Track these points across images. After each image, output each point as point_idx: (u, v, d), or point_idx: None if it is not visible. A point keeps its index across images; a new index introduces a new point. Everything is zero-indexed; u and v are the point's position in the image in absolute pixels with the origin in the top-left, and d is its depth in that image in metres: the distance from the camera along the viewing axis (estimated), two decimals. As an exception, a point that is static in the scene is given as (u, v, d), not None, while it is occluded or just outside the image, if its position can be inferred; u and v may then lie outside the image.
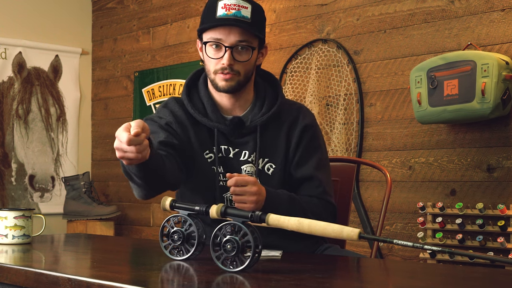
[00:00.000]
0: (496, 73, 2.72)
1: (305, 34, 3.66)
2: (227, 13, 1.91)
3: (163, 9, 4.53)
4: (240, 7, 1.92)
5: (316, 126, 2.07)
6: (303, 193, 2.00)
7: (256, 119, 2.00)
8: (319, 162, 2.03)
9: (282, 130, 2.02)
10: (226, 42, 1.92)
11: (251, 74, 2.00)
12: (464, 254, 1.37)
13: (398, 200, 3.24)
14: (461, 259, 2.91)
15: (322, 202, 1.98)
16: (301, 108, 2.08)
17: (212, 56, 1.94)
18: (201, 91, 2.04)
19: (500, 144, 2.92)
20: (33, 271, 1.47)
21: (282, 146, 2.00)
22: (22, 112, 4.61)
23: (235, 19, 1.90)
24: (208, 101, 2.01)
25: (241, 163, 1.99)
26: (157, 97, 4.50)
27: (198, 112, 2.00)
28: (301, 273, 1.50)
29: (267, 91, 2.06)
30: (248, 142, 1.99)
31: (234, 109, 2.02)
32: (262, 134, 2.00)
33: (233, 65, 1.93)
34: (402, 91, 3.25)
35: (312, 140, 2.03)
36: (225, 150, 1.99)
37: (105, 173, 4.87)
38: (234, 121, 1.98)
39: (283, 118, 2.03)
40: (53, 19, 4.84)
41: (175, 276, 1.44)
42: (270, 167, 1.99)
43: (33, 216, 2.06)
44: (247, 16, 1.92)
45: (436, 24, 3.13)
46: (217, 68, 1.94)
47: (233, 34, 1.91)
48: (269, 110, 2.01)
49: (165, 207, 1.66)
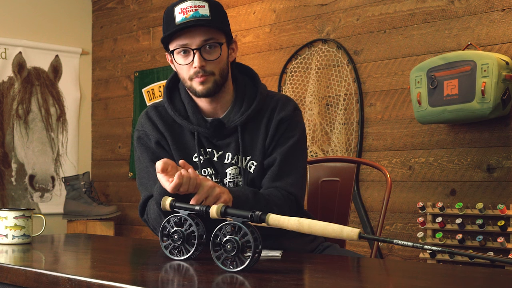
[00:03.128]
0: (496, 73, 2.72)
1: (305, 34, 3.67)
2: (185, 17, 1.89)
3: (163, 9, 4.53)
4: (197, 7, 1.90)
5: (292, 118, 2.01)
6: (265, 180, 1.97)
7: (236, 119, 1.97)
8: (288, 150, 1.98)
9: (261, 126, 1.99)
10: (192, 45, 1.90)
11: (226, 72, 1.97)
12: (464, 254, 1.37)
13: (398, 200, 3.24)
14: (461, 259, 2.91)
15: (283, 192, 1.94)
16: (279, 100, 2.03)
17: (183, 63, 1.93)
18: (182, 93, 2.03)
19: (500, 144, 2.92)
20: (33, 271, 1.47)
21: (260, 142, 1.98)
22: (22, 112, 4.61)
23: (194, 20, 1.89)
24: (189, 104, 2.00)
25: (225, 166, 1.98)
26: (157, 97, 4.50)
27: (179, 115, 1.99)
28: (301, 273, 1.50)
29: (246, 87, 2.04)
30: (230, 144, 1.98)
31: (216, 110, 2.01)
32: (243, 133, 1.98)
33: (205, 66, 1.91)
34: (402, 91, 3.25)
35: (286, 132, 1.99)
36: (209, 153, 1.99)
37: (105, 173, 4.87)
38: (214, 123, 1.96)
39: (262, 113, 2.00)
40: (53, 19, 4.84)
41: (175, 276, 1.44)
42: (252, 164, 1.98)
43: (33, 216, 2.06)
44: (206, 14, 1.91)
45: (436, 24, 3.13)
46: (190, 73, 1.92)
47: (197, 35, 1.90)
48: (249, 108, 1.98)
49: (165, 207, 1.66)
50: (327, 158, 2.49)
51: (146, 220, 1.97)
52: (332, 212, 2.35)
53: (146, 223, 1.99)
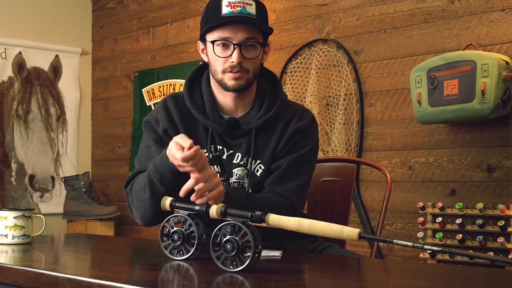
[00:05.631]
0: (496, 73, 2.72)
1: (305, 34, 3.67)
2: (232, 11, 1.90)
3: (163, 9, 4.53)
4: (245, 4, 1.91)
5: (308, 129, 2.01)
6: (266, 183, 1.96)
7: (252, 122, 1.97)
8: (297, 159, 1.98)
9: (275, 132, 1.99)
10: (234, 40, 1.90)
11: (258, 71, 1.99)
12: (464, 254, 1.37)
13: (398, 200, 3.24)
14: (461, 259, 2.91)
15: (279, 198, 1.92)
16: (298, 110, 2.04)
17: (220, 55, 1.92)
18: (203, 87, 2.03)
19: (500, 144, 2.92)
20: (33, 271, 1.47)
21: (272, 148, 1.98)
22: (22, 112, 4.61)
23: (241, 16, 1.89)
24: (208, 98, 2.00)
25: (233, 165, 1.98)
26: (157, 97, 4.50)
27: (196, 108, 1.99)
28: (301, 273, 1.50)
29: (267, 92, 2.04)
30: (242, 144, 1.97)
31: (236, 109, 2.01)
32: (257, 137, 1.98)
33: (242, 62, 1.91)
34: (402, 91, 3.25)
35: (299, 141, 1.99)
36: (220, 150, 1.99)
37: (105, 173, 4.87)
38: (230, 122, 1.96)
39: (279, 121, 2.00)
40: (53, 19, 4.84)
41: (175, 276, 1.44)
42: (259, 168, 1.98)
43: (33, 216, 2.06)
44: (253, 13, 1.91)
45: (436, 24, 3.13)
46: (225, 67, 1.92)
47: (240, 31, 1.90)
48: (267, 113, 1.99)
49: (165, 207, 1.66)
50: (327, 158, 2.49)
51: (128, 192, 1.95)
52: (332, 212, 2.35)
53: (126, 196, 1.97)
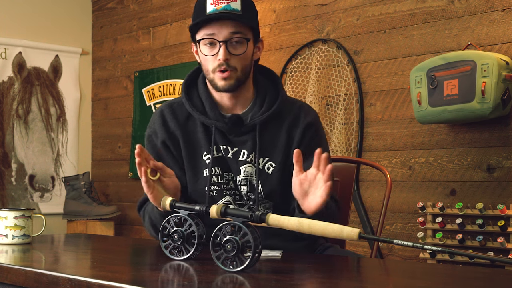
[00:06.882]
0: (496, 73, 2.72)
1: (305, 34, 3.67)
2: (216, 8, 1.90)
3: (163, 9, 4.53)
4: (230, 1, 1.91)
5: (318, 124, 2.05)
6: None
7: (256, 118, 1.98)
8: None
9: (282, 128, 2.00)
10: (219, 36, 1.91)
11: (249, 69, 1.98)
12: (464, 254, 1.37)
13: (398, 200, 3.24)
14: (461, 259, 2.91)
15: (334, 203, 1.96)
16: (303, 106, 2.06)
17: (207, 54, 1.93)
18: (200, 89, 2.03)
19: (500, 144, 2.92)
20: (33, 271, 1.47)
21: (282, 145, 1.99)
22: (22, 112, 4.61)
23: (225, 12, 1.90)
24: (207, 99, 2.00)
25: (240, 163, 1.98)
26: (157, 97, 4.50)
27: (196, 110, 1.99)
28: (301, 273, 1.50)
29: (267, 89, 2.04)
30: (247, 141, 1.98)
31: (235, 108, 2.01)
32: (262, 133, 1.98)
33: (229, 60, 1.91)
34: (402, 91, 3.25)
35: (315, 138, 2.01)
36: (223, 149, 1.99)
37: (105, 173, 4.87)
38: (233, 119, 1.96)
39: (283, 116, 2.01)
40: (53, 19, 4.84)
41: (175, 276, 1.44)
42: (270, 166, 1.98)
43: (33, 216, 2.06)
44: (237, 9, 1.91)
45: (436, 24, 3.13)
46: (214, 65, 1.93)
47: (225, 27, 1.91)
48: (270, 108, 1.99)
49: (165, 207, 1.66)
50: (327, 158, 2.49)
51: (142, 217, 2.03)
52: (332, 212, 2.35)
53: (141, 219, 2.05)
